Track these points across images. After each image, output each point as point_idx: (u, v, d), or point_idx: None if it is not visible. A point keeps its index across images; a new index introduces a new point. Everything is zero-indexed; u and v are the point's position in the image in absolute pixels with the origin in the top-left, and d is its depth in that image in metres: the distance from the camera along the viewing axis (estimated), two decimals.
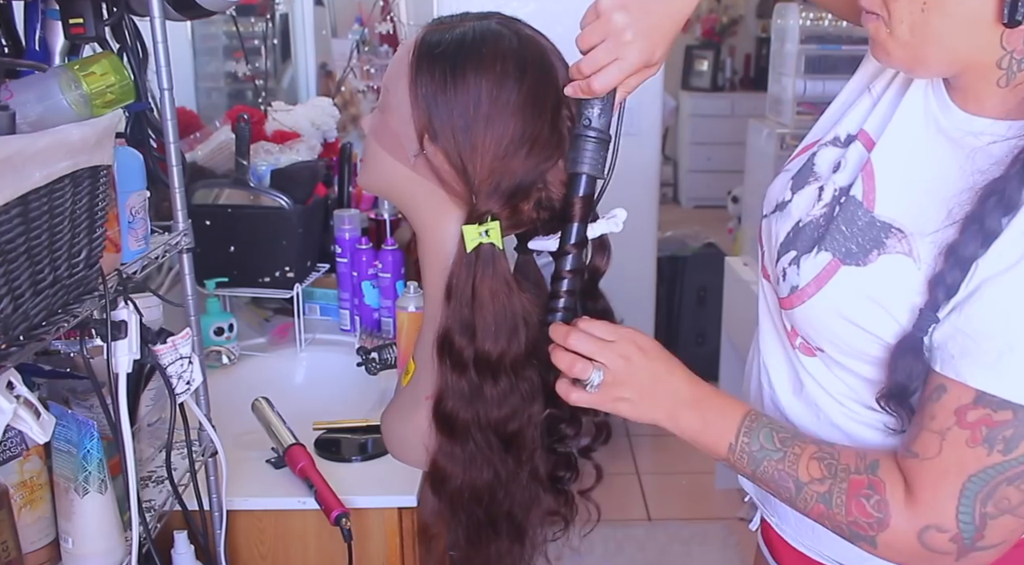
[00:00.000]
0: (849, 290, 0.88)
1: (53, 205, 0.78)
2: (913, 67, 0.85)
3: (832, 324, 0.90)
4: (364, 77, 2.74)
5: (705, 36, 6.63)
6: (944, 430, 0.80)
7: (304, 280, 1.78)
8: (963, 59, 0.82)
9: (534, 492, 1.14)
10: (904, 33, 0.81)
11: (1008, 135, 0.82)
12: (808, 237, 0.94)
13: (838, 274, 0.89)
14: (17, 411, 0.79)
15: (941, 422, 0.81)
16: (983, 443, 0.78)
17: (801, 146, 1.05)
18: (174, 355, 1.01)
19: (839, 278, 0.88)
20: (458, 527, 1.14)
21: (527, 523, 1.15)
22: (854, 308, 0.88)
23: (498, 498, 1.12)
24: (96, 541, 0.94)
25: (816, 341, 0.93)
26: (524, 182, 1.04)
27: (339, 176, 2.00)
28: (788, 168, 1.03)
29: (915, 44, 0.81)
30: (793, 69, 2.71)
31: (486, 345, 1.05)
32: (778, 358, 1.02)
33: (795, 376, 1.00)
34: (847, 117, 0.99)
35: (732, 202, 4.39)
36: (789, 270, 0.94)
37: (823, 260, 0.90)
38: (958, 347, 0.80)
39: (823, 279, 0.90)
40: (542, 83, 1.03)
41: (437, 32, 1.07)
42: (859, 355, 0.90)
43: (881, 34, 0.83)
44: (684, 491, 3.07)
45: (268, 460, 1.32)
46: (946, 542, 0.81)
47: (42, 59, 1.08)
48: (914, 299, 0.84)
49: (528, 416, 1.09)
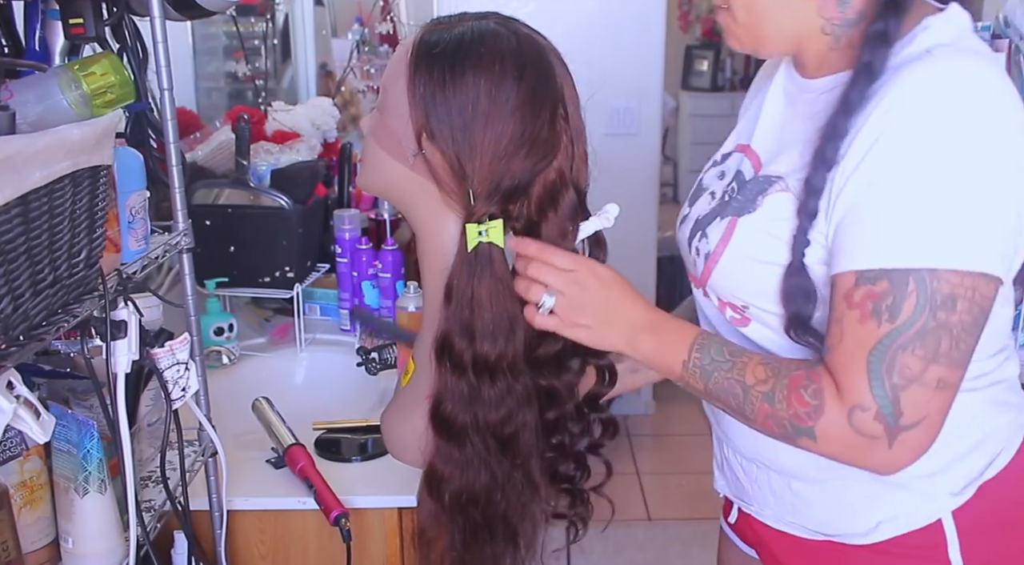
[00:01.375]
0: (748, 234, 0.97)
1: (53, 205, 0.78)
2: (757, 47, 0.99)
3: (748, 272, 0.98)
4: (364, 77, 2.74)
5: (705, 36, 6.62)
6: (840, 317, 0.88)
7: (304, 280, 1.78)
8: (794, 32, 0.95)
9: (531, 495, 1.14)
10: (743, 17, 0.95)
11: (835, 84, 0.94)
12: (708, 216, 1.04)
13: (738, 226, 0.98)
14: (17, 411, 0.79)
15: (838, 311, 0.88)
16: (872, 317, 0.85)
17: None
18: (171, 360, 1.01)
19: (739, 229, 0.98)
20: (455, 530, 1.14)
21: (523, 526, 1.15)
22: (756, 247, 0.96)
23: (495, 501, 1.11)
24: (96, 541, 0.94)
25: (739, 296, 1.00)
26: (522, 182, 1.04)
27: (339, 176, 2.00)
28: None
29: (753, 24, 0.95)
30: None
31: (484, 346, 1.05)
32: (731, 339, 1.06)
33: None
34: (724, 144, 1.13)
35: None
36: (700, 244, 1.04)
37: (724, 223, 1.00)
38: (836, 248, 0.89)
39: (727, 237, 0.99)
40: (540, 83, 1.03)
41: (435, 32, 1.06)
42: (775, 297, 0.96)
43: (728, 22, 0.97)
44: (684, 491, 3.07)
45: (268, 460, 1.32)
46: (871, 422, 0.86)
47: (42, 59, 1.08)
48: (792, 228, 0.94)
49: (525, 418, 1.09)
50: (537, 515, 1.16)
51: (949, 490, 0.99)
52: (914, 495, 0.99)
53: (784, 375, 0.91)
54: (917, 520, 0.99)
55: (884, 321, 0.85)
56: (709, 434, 1.18)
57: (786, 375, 0.91)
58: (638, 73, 3.19)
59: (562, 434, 1.14)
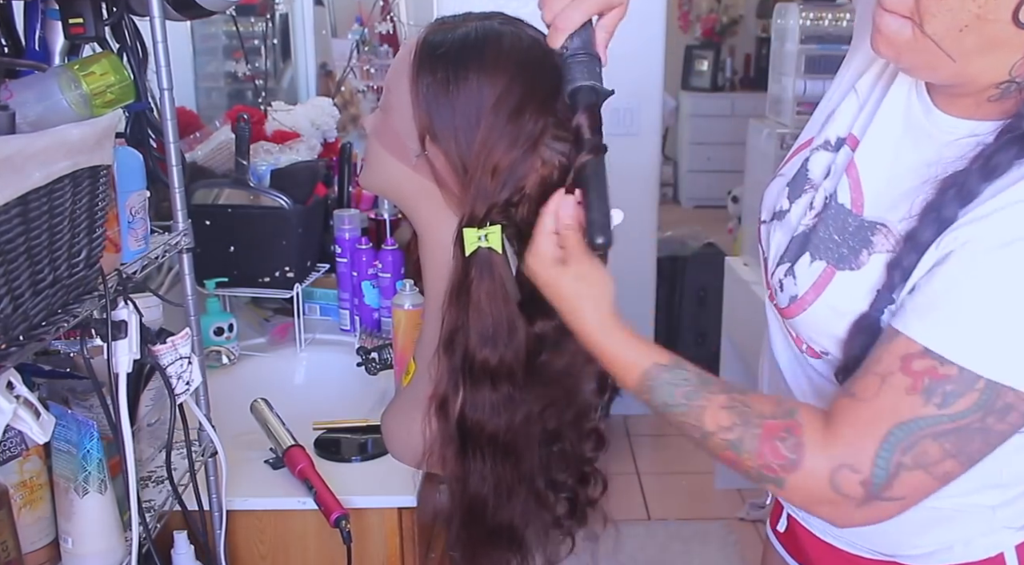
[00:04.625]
0: (846, 294, 0.90)
1: (53, 205, 0.78)
2: (916, 70, 0.86)
3: (834, 328, 0.91)
4: (364, 77, 2.74)
5: (705, 36, 6.63)
6: (886, 374, 0.81)
7: (304, 280, 1.78)
8: (969, 76, 0.82)
9: (535, 502, 1.13)
10: (928, 45, 0.80)
11: (977, 132, 0.85)
12: (798, 245, 0.96)
13: (835, 280, 0.90)
14: (17, 411, 0.79)
15: (886, 366, 0.81)
16: (921, 393, 0.79)
17: (795, 146, 1.06)
18: (173, 355, 1.01)
19: (836, 283, 0.90)
20: (459, 534, 1.13)
21: (527, 533, 1.14)
22: (851, 305, 0.89)
23: (499, 508, 1.11)
24: (96, 541, 0.94)
25: (821, 345, 0.94)
26: (524, 185, 1.04)
27: (339, 176, 2.00)
28: (783, 172, 1.04)
29: (936, 54, 0.80)
30: (793, 69, 2.71)
31: (485, 352, 1.04)
32: (790, 360, 1.03)
33: (807, 377, 1.00)
34: (835, 119, 1.00)
35: (732, 202, 4.39)
36: (786, 281, 0.96)
37: (818, 268, 0.92)
38: (915, 305, 0.82)
39: (821, 286, 0.91)
40: (544, 84, 1.03)
41: (439, 32, 1.06)
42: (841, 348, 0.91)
43: (901, 36, 0.81)
44: (684, 491, 3.07)
45: (266, 461, 1.32)
46: (855, 485, 0.81)
47: (42, 59, 1.08)
48: None
49: (527, 425, 1.08)
50: (542, 523, 1.15)
51: (1011, 523, 0.96)
52: (973, 526, 0.95)
53: (755, 423, 0.84)
54: (976, 551, 0.96)
55: (932, 403, 0.79)
56: None
57: (758, 424, 0.84)
58: (638, 73, 3.19)
59: (560, 443, 1.13)
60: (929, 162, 0.87)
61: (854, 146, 0.95)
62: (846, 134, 0.97)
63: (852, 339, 0.88)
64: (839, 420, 0.82)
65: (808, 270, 0.93)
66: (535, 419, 1.09)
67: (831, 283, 0.91)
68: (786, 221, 0.99)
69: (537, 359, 1.07)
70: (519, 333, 1.04)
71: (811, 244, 0.94)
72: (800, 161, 1.02)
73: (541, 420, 1.10)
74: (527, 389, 1.07)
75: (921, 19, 0.79)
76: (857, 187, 0.92)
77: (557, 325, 1.03)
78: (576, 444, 1.14)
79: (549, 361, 1.07)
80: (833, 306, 0.91)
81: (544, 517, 1.15)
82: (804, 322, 0.94)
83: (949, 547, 0.97)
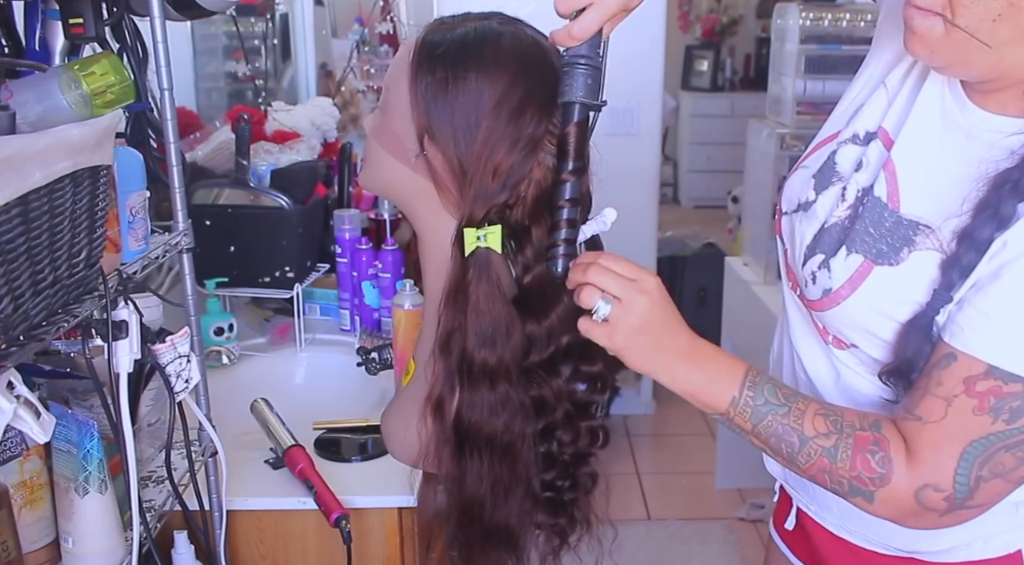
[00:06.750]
0: (884, 289, 0.90)
1: (53, 205, 0.78)
2: (951, 68, 0.85)
3: (869, 322, 0.92)
4: (364, 77, 2.74)
5: (705, 36, 6.63)
6: (951, 396, 0.82)
7: (304, 280, 1.78)
8: (1005, 69, 0.82)
9: (532, 503, 1.13)
10: (963, 37, 0.79)
11: (1022, 129, 0.85)
12: (834, 239, 0.95)
13: (872, 275, 0.91)
14: (17, 411, 0.79)
15: (948, 389, 0.83)
16: (989, 412, 0.81)
17: (817, 141, 1.05)
18: (173, 354, 1.01)
19: (874, 278, 0.90)
20: (456, 535, 1.13)
21: (523, 534, 1.14)
22: (891, 305, 0.90)
23: (496, 508, 1.11)
24: (96, 541, 0.94)
25: (850, 338, 0.95)
26: (522, 185, 1.04)
27: (339, 176, 2.00)
28: (806, 164, 1.03)
29: (970, 48, 0.79)
30: (793, 69, 2.70)
31: (483, 352, 1.04)
32: (813, 350, 1.03)
33: (831, 367, 1.01)
34: (864, 113, 0.99)
35: (732, 202, 4.39)
36: (819, 274, 0.95)
37: (855, 262, 0.92)
38: (971, 322, 0.82)
39: (857, 281, 0.91)
40: (544, 84, 1.03)
41: (438, 32, 1.06)
42: (885, 345, 0.92)
43: (934, 33, 0.80)
44: (684, 491, 3.07)
45: (266, 461, 1.32)
46: (940, 501, 0.84)
47: (42, 59, 1.08)
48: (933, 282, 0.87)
49: (522, 425, 1.08)
50: (537, 524, 1.15)
51: None
52: (997, 522, 0.95)
53: (848, 433, 0.86)
54: (995, 548, 0.97)
55: (1001, 420, 0.80)
56: (709, 434, 1.18)
57: (850, 433, 0.86)
58: (638, 73, 3.19)
59: (550, 443, 1.13)
60: (971, 160, 0.86)
61: (888, 142, 0.94)
62: (876, 128, 0.97)
63: (905, 338, 0.88)
64: (914, 444, 0.84)
65: (844, 264, 0.92)
66: (531, 419, 1.09)
67: (868, 278, 0.91)
68: (812, 212, 0.99)
69: (528, 360, 1.07)
70: (516, 333, 1.04)
71: (848, 238, 0.93)
72: (826, 154, 1.01)
73: (536, 420, 1.10)
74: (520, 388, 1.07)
75: (953, 12, 0.78)
76: (893, 181, 0.92)
77: (548, 326, 1.04)
78: (574, 443, 1.14)
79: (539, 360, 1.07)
80: (870, 302, 0.91)
81: (541, 518, 1.15)
82: (836, 316, 0.94)
83: (968, 544, 0.98)
